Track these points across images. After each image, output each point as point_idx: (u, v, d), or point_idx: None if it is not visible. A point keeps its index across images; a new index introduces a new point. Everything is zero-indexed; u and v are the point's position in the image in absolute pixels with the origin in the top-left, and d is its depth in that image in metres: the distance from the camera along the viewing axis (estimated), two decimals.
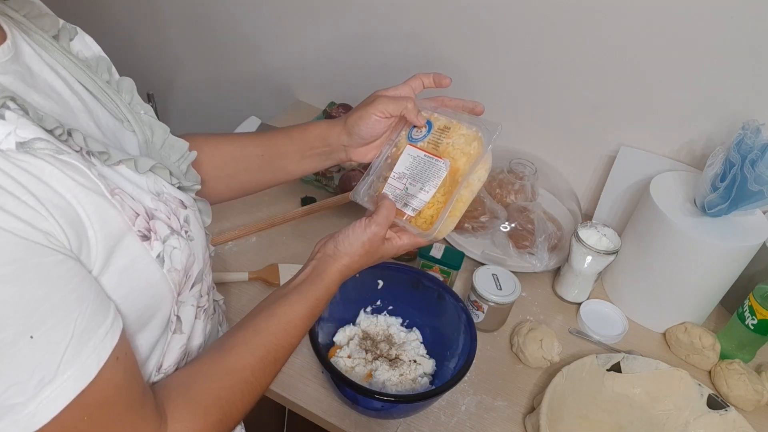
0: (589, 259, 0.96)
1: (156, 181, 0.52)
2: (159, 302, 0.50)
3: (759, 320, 0.90)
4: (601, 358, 0.87)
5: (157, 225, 0.49)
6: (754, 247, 0.90)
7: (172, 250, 0.50)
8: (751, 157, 0.85)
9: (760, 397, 0.87)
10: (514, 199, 1.12)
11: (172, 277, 0.50)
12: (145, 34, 1.58)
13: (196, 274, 0.54)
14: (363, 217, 0.65)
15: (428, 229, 0.64)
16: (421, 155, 0.67)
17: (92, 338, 0.41)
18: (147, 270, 0.47)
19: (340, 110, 1.32)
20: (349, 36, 1.30)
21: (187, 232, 0.53)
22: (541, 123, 1.20)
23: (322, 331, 0.82)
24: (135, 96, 0.59)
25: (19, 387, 0.38)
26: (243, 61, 1.49)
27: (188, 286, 0.54)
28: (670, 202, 0.94)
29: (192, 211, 0.55)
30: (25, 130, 0.40)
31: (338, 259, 0.64)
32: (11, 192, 0.37)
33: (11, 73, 0.45)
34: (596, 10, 1.02)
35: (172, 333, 0.54)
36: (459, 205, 0.65)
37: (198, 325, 0.60)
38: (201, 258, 0.55)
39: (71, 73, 0.54)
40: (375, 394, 0.72)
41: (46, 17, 0.54)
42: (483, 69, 1.19)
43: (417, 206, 0.65)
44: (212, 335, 0.67)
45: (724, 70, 0.99)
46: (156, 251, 0.48)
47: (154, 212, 0.49)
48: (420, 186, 0.65)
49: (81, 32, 0.59)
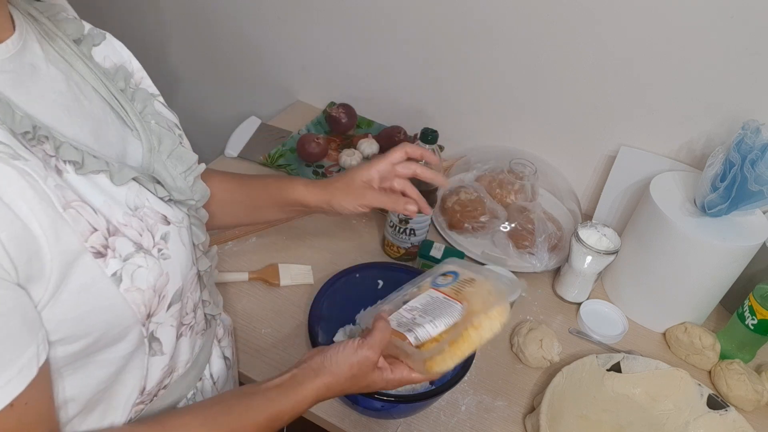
0: (589, 259, 0.96)
1: (139, 194, 0.50)
2: (120, 322, 0.47)
3: (759, 320, 0.90)
4: (601, 358, 0.87)
5: (118, 242, 0.46)
6: (754, 247, 0.90)
7: (135, 269, 0.47)
8: (751, 157, 0.85)
9: (760, 397, 0.87)
10: (514, 199, 1.12)
11: (132, 297, 0.47)
12: (144, 34, 1.59)
13: (172, 294, 0.52)
14: (357, 337, 0.61)
15: (425, 349, 0.60)
16: (440, 297, 0.65)
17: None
18: (102, 289, 0.45)
19: (340, 110, 1.32)
20: (349, 36, 1.30)
21: (161, 251, 0.50)
22: (541, 123, 1.20)
23: (322, 331, 0.82)
24: (149, 106, 0.58)
25: None
26: (243, 61, 1.49)
27: (163, 307, 0.51)
28: (670, 202, 0.94)
29: (176, 228, 0.53)
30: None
31: (320, 377, 0.59)
32: None
33: (7, 72, 0.45)
34: (596, 10, 1.02)
35: (150, 356, 0.52)
36: (462, 344, 0.60)
37: (183, 343, 0.57)
38: (179, 277, 0.52)
39: (85, 77, 0.53)
40: (375, 394, 0.72)
41: (72, 22, 0.54)
42: (483, 69, 1.19)
43: (421, 336, 0.61)
44: (204, 350, 0.65)
45: (724, 70, 0.99)
46: (112, 269, 0.45)
47: (121, 227, 0.47)
48: (430, 319, 0.62)
49: (110, 37, 0.58)
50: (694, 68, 1.00)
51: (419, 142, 0.92)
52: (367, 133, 1.32)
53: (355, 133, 1.35)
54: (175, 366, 0.58)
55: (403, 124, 1.30)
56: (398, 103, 1.34)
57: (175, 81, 1.64)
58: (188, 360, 0.60)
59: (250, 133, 1.30)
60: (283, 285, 0.96)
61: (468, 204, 1.10)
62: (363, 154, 1.25)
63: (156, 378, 0.55)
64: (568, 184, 1.20)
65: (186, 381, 0.62)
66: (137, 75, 0.60)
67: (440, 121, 1.29)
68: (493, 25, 1.13)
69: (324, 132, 1.34)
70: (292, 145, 1.26)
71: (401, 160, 0.76)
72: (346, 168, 1.20)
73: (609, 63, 1.06)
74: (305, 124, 1.33)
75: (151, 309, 0.49)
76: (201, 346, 0.63)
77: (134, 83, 0.59)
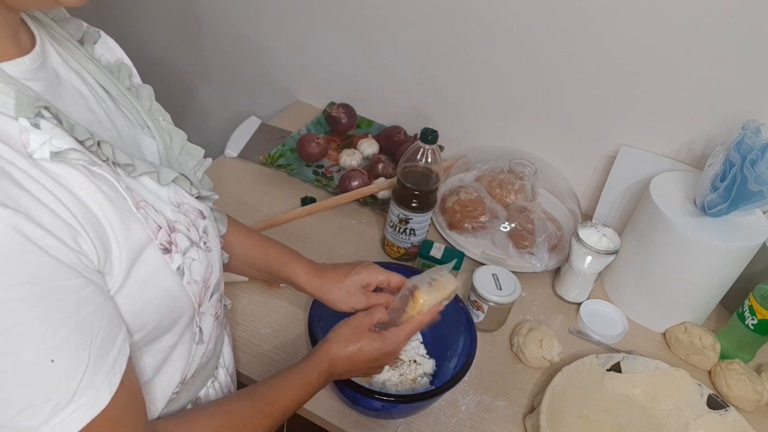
0: (589, 259, 0.96)
1: (177, 192, 0.52)
2: (178, 314, 0.50)
3: (759, 320, 0.90)
4: (601, 358, 0.87)
5: (177, 237, 0.49)
6: (754, 247, 0.90)
7: (191, 262, 0.50)
8: (751, 157, 0.85)
9: (760, 397, 0.87)
10: (514, 199, 1.12)
11: (191, 289, 0.50)
12: (144, 34, 1.58)
13: (214, 284, 0.55)
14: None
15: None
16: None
17: (104, 365, 0.41)
18: (166, 282, 0.47)
19: (340, 110, 1.32)
20: (349, 36, 1.30)
21: (206, 243, 0.53)
22: (541, 123, 1.20)
23: (322, 331, 0.82)
24: (154, 103, 0.59)
25: (33, 410, 0.37)
26: (243, 61, 1.49)
27: (207, 297, 0.54)
28: (670, 202, 0.94)
29: (210, 222, 0.56)
30: (60, 140, 0.40)
31: (326, 341, 0.68)
32: (47, 205, 0.37)
33: (42, 79, 0.44)
34: (596, 11, 1.02)
35: (196, 344, 0.55)
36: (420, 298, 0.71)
37: (213, 333, 0.60)
38: (218, 267, 0.56)
39: (95, 77, 0.53)
40: (375, 394, 0.72)
41: (72, 21, 0.54)
42: (483, 69, 1.19)
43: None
44: (220, 340, 0.67)
45: (724, 70, 0.99)
46: (176, 263, 0.48)
47: (174, 224, 0.49)
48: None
49: (104, 35, 0.59)
50: (694, 68, 1.00)
51: (419, 142, 0.92)
52: (367, 133, 1.33)
53: (355, 133, 1.35)
54: (202, 357, 0.60)
55: (403, 124, 1.30)
56: (398, 103, 1.34)
57: (175, 81, 1.64)
58: (211, 350, 0.62)
59: (250, 133, 1.30)
60: (283, 285, 0.96)
61: (468, 204, 1.10)
62: (363, 154, 1.25)
63: (195, 366, 0.57)
64: (568, 184, 1.20)
65: (207, 370, 0.64)
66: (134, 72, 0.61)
67: (440, 121, 1.29)
68: (493, 25, 1.13)
69: (324, 132, 1.34)
70: (292, 145, 1.26)
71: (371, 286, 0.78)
72: (346, 168, 1.21)
73: (609, 63, 1.06)
74: (305, 124, 1.33)
75: (201, 299, 0.52)
76: (219, 335, 0.65)
77: (135, 81, 0.60)
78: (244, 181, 1.18)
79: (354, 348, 0.67)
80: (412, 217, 0.98)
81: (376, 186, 1.13)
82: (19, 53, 0.43)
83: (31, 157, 0.38)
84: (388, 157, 1.22)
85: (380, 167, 1.18)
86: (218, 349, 0.67)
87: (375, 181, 1.16)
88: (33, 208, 0.36)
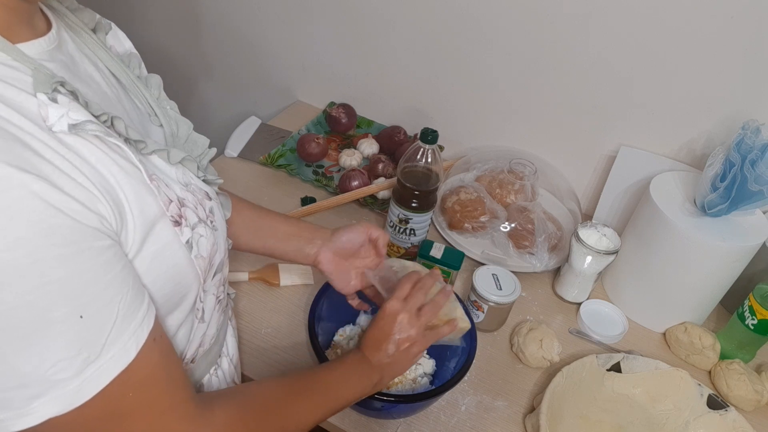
0: (589, 259, 0.96)
1: (184, 173, 0.54)
2: (185, 288, 0.52)
3: (759, 320, 0.90)
4: (601, 358, 0.87)
5: (187, 212, 0.50)
6: (754, 247, 0.90)
7: (199, 238, 0.51)
8: (751, 157, 0.85)
9: (760, 397, 0.87)
10: (514, 199, 1.12)
11: (198, 263, 0.51)
12: (144, 34, 1.59)
13: (218, 263, 0.56)
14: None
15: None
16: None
17: (132, 321, 0.42)
18: (176, 255, 0.49)
19: (340, 110, 1.32)
20: (349, 36, 1.30)
21: (213, 222, 0.55)
22: (541, 123, 1.20)
23: (322, 331, 0.82)
24: (162, 92, 0.61)
25: (65, 363, 0.39)
26: (243, 61, 1.49)
27: (211, 275, 0.56)
28: (670, 202, 0.94)
29: (216, 203, 0.57)
30: (77, 113, 0.41)
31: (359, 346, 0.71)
32: (68, 173, 0.39)
33: (57, 61, 0.46)
34: (596, 11, 1.02)
35: (198, 322, 0.56)
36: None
37: (215, 316, 0.61)
38: (223, 248, 0.57)
39: (107, 65, 0.55)
40: (375, 394, 0.72)
41: (85, 11, 0.56)
42: (483, 69, 1.19)
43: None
44: (223, 327, 0.68)
45: (724, 70, 0.99)
46: (185, 237, 0.49)
47: (183, 201, 0.51)
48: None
49: (115, 27, 0.60)
50: (695, 68, 1.00)
51: (419, 142, 0.92)
52: (367, 133, 1.33)
53: (355, 133, 1.35)
54: (204, 339, 0.61)
55: (403, 124, 1.30)
56: (398, 103, 1.34)
57: (175, 81, 1.64)
58: (213, 335, 0.63)
59: (250, 133, 1.30)
60: (283, 285, 0.96)
61: (468, 204, 1.10)
62: (363, 154, 1.25)
63: (194, 345, 0.58)
64: (568, 184, 1.20)
65: (210, 356, 0.64)
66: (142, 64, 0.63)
67: (440, 121, 1.29)
68: (493, 25, 1.13)
69: (324, 132, 1.34)
70: (292, 145, 1.26)
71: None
72: (346, 168, 1.21)
73: (609, 63, 1.06)
74: (305, 124, 1.33)
75: (205, 275, 0.54)
76: (222, 322, 0.66)
77: (143, 72, 0.62)
78: (244, 181, 1.18)
79: (372, 332, 0.69)
80: (412, 217, 0.98)
81: (376, 186, 1.13)
82: (35, 36, 0.45)
83: (51, 130, 0.39)
84: (388, 157, 1.22)
85: (380, 167, 1.18)
86: (221, 337, 0.68)
87: (375, 181, 1.16)
88: (55, 176, 0.38)
